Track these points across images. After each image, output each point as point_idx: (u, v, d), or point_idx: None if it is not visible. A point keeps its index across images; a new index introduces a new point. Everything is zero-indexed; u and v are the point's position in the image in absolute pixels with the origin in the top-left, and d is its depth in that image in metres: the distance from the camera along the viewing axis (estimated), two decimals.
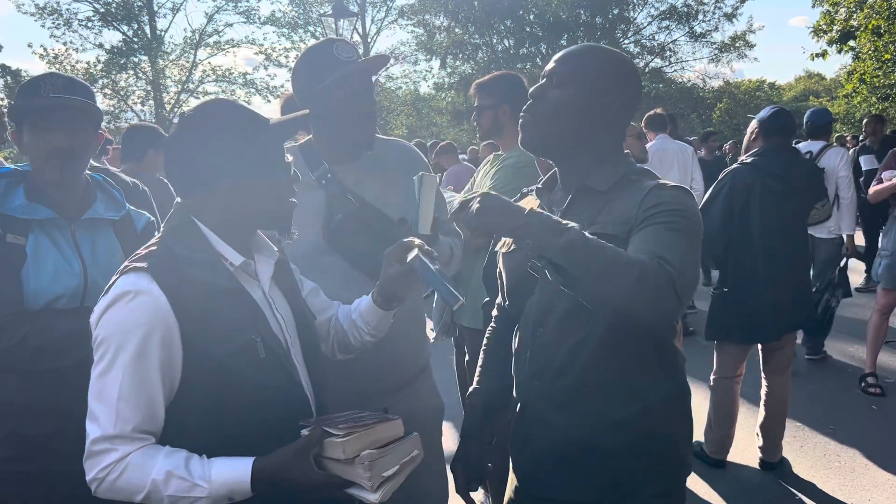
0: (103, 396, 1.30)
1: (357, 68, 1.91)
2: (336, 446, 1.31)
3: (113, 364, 1.30)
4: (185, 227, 1.41)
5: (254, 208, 1.44)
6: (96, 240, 1.88)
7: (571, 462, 1.54)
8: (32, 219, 1.79)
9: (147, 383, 1.30)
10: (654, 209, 1.41)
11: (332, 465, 1.33)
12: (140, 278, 1.32)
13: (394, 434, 1.39)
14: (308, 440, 1.33)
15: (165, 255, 1.36)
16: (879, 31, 15.17)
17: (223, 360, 1.33)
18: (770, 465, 3.77)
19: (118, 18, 24.71)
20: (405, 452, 1.38)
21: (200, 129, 1.41)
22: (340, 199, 1.96)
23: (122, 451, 1.29)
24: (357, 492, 1.32)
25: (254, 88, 26.60)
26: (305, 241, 1.92)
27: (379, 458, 1.32)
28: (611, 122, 1.54)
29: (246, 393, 1.35)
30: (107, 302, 1.33)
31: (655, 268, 1.26)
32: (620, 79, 1.54)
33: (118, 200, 1.98)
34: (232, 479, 1.29)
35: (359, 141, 1.99)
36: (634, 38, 29.90)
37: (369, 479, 1.30)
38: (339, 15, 13.57)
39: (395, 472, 1.35)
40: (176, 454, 1.31)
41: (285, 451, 1.33)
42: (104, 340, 1.32)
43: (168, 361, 1.32)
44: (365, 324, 1.66)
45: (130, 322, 1.30)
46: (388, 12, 28.53)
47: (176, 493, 1.27)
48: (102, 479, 1.29)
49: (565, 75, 1.52)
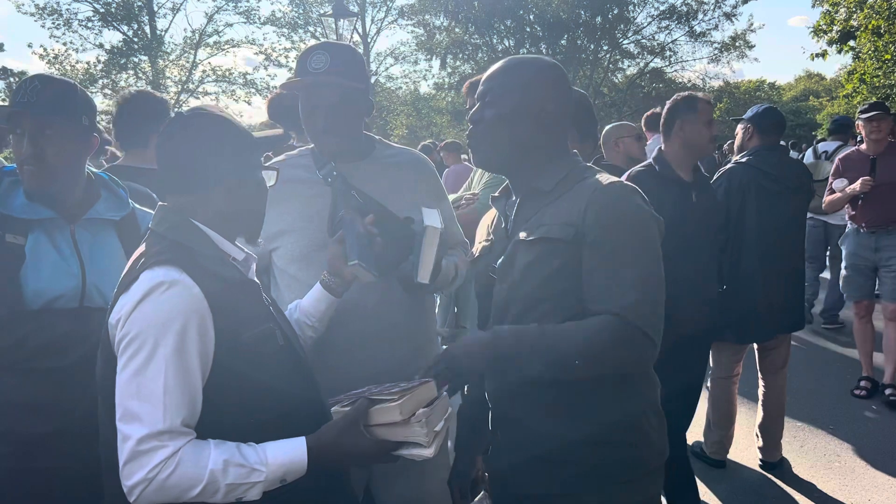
0: (145, 393, 1.27)
1: (319, 82, 1.90)
2: (392, 410, 1.39)
3: (152, 358, 1.28)
4: (185, 226, 1.43)
5: (244, 209, 1.49)
6: (96, 240, 1.88)
7: (542, 457, 1.57)
8: (32, 219, 1.79)
9: (189, 374, 1.30)
10: (597, 229, 1.45)
11: (383, 431, 1.41)
12: (170, 270, 1.33)
13: (432, 394, 1.49)
14: (357, 410, 1.40)
15: (181, 251, 1.38)
16: (879, 31, 15.16)
17: (250, 348, 1.36)
18: (770, 465, 3.78)
19: (118, 18, 24.68)
20: (445, 408, 1.50)
21: (197, 132, 1.43)
22: (345, 196, 1.97)
23: (173, 447, 1.26)
24: (409, 451, 1.41)
25: (254, 88, 26.60)
26: (308, 238, 1.95)
27: (430, 415, 1.43)
28: (549, 126, 1.59)
29: (271, 379, 1.38)
30: (136, 297, 1.31)
31: (619, 330, 1.38)
32: (548, 83, 1.60)
33: (122, 199, 1.97)
34: (288, 460, 1.32)
35: (323, 151, 2.02)
36: (634, 38, 29.90)
37: (426, 434, 1.40)
38: (339, 15, 13.56)
39: (441, 426, 1.46)
40: (225, 444, 1.31)
41: (334, 426, 1.39)
42: (138, 336, 1.29)
43: (204, 351, 1.32)
44: (308, 316, 1.74)
45: (168, 313, 1.29)
46: (388, 12, 28.53)
47: (235, 481, 1.28)
48: (153, 479, 1.25)
49: (496, 93, 1.59)
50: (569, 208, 1.50)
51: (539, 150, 1.59)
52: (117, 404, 1.29)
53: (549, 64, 1.63)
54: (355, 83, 1.94)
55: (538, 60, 1.63)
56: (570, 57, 27.43)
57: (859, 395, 4.69)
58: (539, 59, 1.63)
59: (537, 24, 28.57)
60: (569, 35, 28.22)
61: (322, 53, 1.92)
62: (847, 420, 4.35)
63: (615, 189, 1.50)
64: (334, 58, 1.91)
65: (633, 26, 29.70)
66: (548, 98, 1.58)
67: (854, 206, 4.63)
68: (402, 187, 2.04)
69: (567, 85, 1.64)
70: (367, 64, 2.17)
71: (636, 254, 1.44)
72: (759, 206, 3.49)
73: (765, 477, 3.73)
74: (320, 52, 1.92)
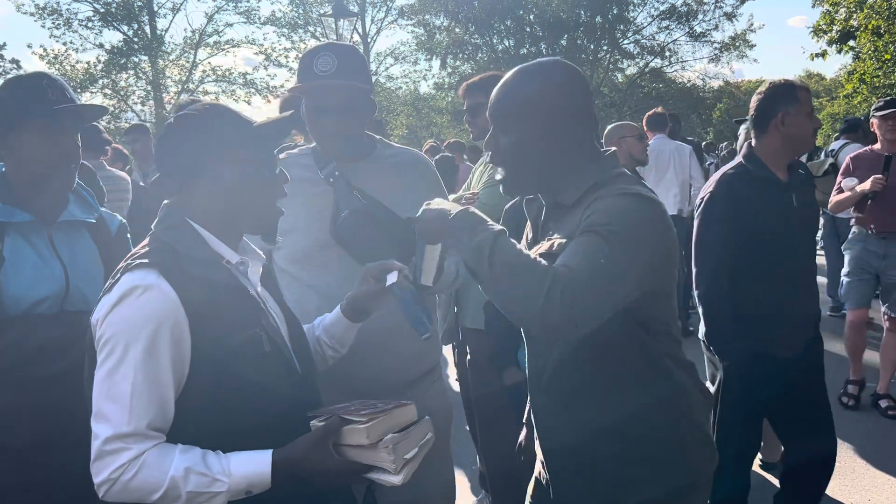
0: (114, 394, 1.28)
1: (327, 86, 1.91)
2: (360, 432, 1.34)
3: (123, 361, 1.29)
4: (181, 227, 1.42)
5: (245, 208, 1.46)
6: (74, 243, 1.85)
7: (571, 468, 1.56)
8: (9, 222, 1.75)
9: (159, 379, 1.30)
10: (586, 221, 1.40)
11: (353, 452, 1.36)
12: (148, 274, 1.33)
13: (409, 418, 1.43)
14: (326, 429, 1.35)
15: (167, 253, 1.37)
16: (879, 32, 15.15)
17: (230, 354, 1.34)
18: (770, 464, 3.77)
19: (118, 18, 24.64)
20: (422, 435, 1.43)
21: (193, 129, 1.42)
22: (347, 195, 1.97)
23: (136, 450, 1.27)
24: (378, 475, 1.35)
25: (254, 88, 26.58)
26: (310, 238, 1.95)
27: (401, 442, 1.36)
28: (570, 135, 1.52)
29: (252, 386, 1.36)
30: (113, 300, 1.32)
31: (556, 273, 1.28)
32: (558, 90, 1.51)
33: (90, 203, 1.94)
34: (251, 472, 1.30)
35: (328, 155, 2.02)
36: (634, 38, 29.89)
37: (393, 461, 1.33)
38: (339, 15, 13.56)
39: (414, 454, 1.39)
40: (191, 450, 1.30)
41: (303, 441, 1.35)
42: (112, 338, 1.30)
43: (178, 357, 1.32)
44: (329, 337, 1.70)
45: (141, 317, 1.29)
46: (388, 12, 28.51)
47: (195, 489, 1.27)
48: (116, 479, 1.26)
49: (507, 119, 1.52)
50: (573, 219, 1.46)
51: (562, 160, 1.52)
52: (93, 402, 1.31)
53: (552, 68, 1.54)
54: (363, 85, 1.96)
55: (540, 69, 1.54)
56: (570, 57, 27.37)
57: (847, 402, 4.55)
58: (541, 67, 1.55)
59: (537, 24, 28.57)
60: (569, 35, 28.22)
61: (329, 55, 1.92)
62: (847, 420, 4.34)
63: (618, 196, 1.43)
64: (342, 60, 1.92)
65: (633, 26, 29.70)
66: (562, 107, 1.50)
67: (862, 208, 4.33)
68: (402, 187, 2.05)
69: (578, 79, 1.55)
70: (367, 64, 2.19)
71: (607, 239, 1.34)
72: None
73: (765, 477, 3.72)
74: (327, 54, 1.93)
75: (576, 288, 1.27)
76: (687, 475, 1.55)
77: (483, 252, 1.31)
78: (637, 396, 1.50)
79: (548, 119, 1.49)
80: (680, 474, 1.54)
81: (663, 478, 1.52)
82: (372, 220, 1.95)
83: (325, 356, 1.72)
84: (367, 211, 1.96)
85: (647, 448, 1.51)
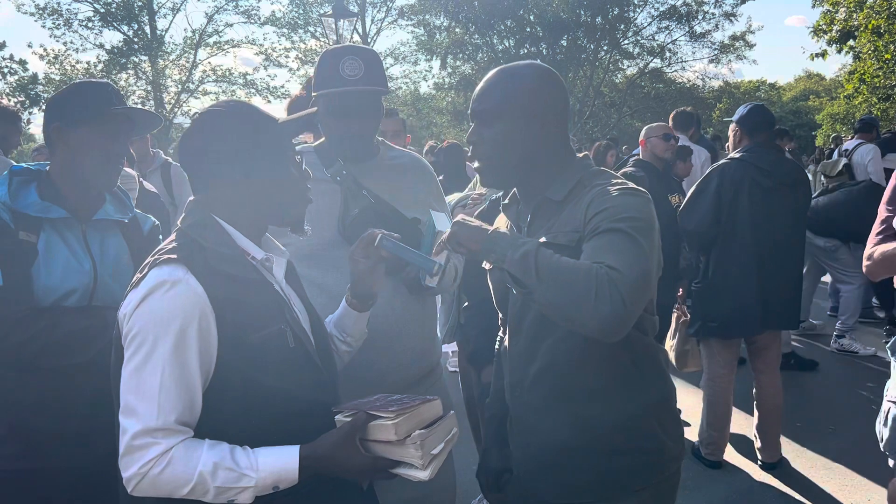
0: (142, 390, 1.29)
1: (358, 91, 1.94)
2: (387, 428, 1.34)
3: (151, 356, 1.29)
4: (207, 223, 1.44)
5: (271, 203, 1.48)
6: (105, 240, 1.91)
7: (555, 465, 1.57)
8: (45, 217, 1.81)
9: (187, 374, 1.30)
10: (598, 217, 1.43)
11: (380, 448, 1.37)
12: (175, 269, 1.33)
13: (435, 413, 1.44)
14: (353, 424, 1.36)
15: (194, 248, 1.38)
16: (879, 31, 15.16)
17: (256, 349, 1.35)
18: (769, 465, 3.78)
19: (118, 18, 24.68)
20: (447, 430, 1.44)
21: (218, 126, 1.44)
22: (356, 194, 1.99)
23: (165, 445, 1.28)
24: (405, 471, 1.36)
25: (254, 89, 26.60)
26: (319, 237, 1.96)
27: (428, 437, 1.37)
28: (551, 132, 1.57)
29: (278, 381, 1.37)
30: (141, 294, 1.33)
31: (600, 273, 1.29)
32: (540, 89, 1.56)
33: (126, 203, 2.01)
34: (279, 468, 1.31)
35: (344, 156, 2.03)
36: (634, 39, 29.88)
37: (421, 457, 1.34)
38: (339, 15, 13.57)
39: (441, 449, 1.40)
40: (219, 445, 1.31)
41: (330, 437, 1.36)
42: (140, 333, 1.31)
43: (205, 352, 1.32)
44: (340, 331, 1.71)
45: (169, 312, 1.30)
46: (388, 12, 28.51)
47: (223, 485, 1.28)
48: (145, 474, 1.27)
49: (490, 113, 1.56)
50: (573, 214, 1.50)
51: (544, 158, 1.57)
52: (120, 396, 1.32)
53: (534, 69, 1.60)
54: (386, 89, 2.01)
55: (524, 69, 1.59)
56: (570, 57, 27.39)
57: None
58: (524, 67, 1.59)
59: (537, 25, 28.52)
60: (569, 35, 28.17)
61: (356, 60, 1.95)
62: (847, 420, 4.35)
63: (618, 191, 1.48)
64: (368, 65, 1.96)
65: (633, 27, 29.69)
66: (543, 105, 1.55)
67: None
68: (403, 188, 2.08)
69: (558, 84, 1.60)
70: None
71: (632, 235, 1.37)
72: (752, 201, 3.51)
73: (765, 477, 3.73)
74: (354, 59, 1.95)
75: (621, 285, 1.29)
76: (667, 465, 1.59)
77: (529, 262, 1.34)
78: (625, 393, 1.52)
79: (529, 115, 1.54)
80: (658, 465, 1.58)
81: (643, 470, 1.55)
82: (381, 219, 1.96)
83: (339, 352, 1.73)
84: (377, 209, 1.98)
85: (632, 441, 1.54)
